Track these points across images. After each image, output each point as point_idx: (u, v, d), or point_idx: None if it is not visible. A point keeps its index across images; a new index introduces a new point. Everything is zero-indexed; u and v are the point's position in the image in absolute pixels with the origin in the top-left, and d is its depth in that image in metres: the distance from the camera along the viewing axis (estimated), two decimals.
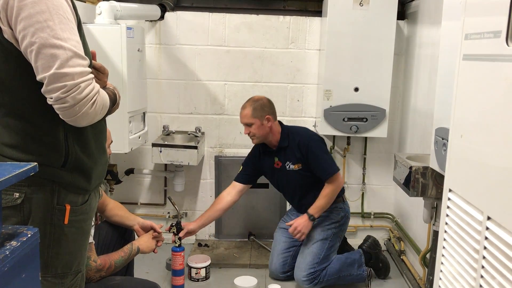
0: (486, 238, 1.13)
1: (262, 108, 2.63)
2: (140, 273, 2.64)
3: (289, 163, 2.70)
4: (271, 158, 2.77)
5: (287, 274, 2.83)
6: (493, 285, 1.09)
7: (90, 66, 1.26)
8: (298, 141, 2.65)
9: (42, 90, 1.17)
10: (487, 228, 1.13)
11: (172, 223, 2.72)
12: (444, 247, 1.39)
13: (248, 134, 2.68)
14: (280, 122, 2.77)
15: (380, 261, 2.89)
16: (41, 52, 1.14)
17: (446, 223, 1.38)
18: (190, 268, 2.82)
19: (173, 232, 2.68)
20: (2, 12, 1.15)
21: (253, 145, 2.84)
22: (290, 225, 2.65)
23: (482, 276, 1.15)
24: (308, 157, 2.63)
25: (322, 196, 2.63)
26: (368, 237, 2.94)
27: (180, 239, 2.66)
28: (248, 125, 2.65)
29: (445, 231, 1.39)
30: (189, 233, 2.72)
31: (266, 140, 2.70)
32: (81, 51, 1.20)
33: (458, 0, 1.72)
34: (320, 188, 2.66)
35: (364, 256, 2.80)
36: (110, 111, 1.37)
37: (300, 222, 2.61)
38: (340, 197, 2.76)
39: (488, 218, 1.13)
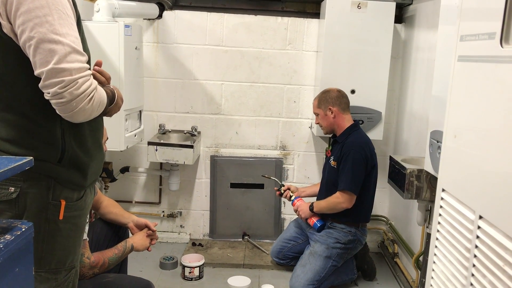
0: (477, 237, 1.14)
1: (327, 99, 2.71)
2: (133, 271, 2.64)
3: (332, 158, 2.75)
4: (330, 146, 2.96)
5: (280, 261, 2.96)
6: (484, 283, 1.10)
7: (89, 62, 1.26)
8: (346, 143, 2.66)
9: (40, 85, 1.18)
10: (479, 227, 1.14)
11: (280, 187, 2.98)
12: (436, 246, 1.40)
13: (318, 124, 2.82)
14: (355, 121, 2.77)
15: (365, 263, 2.89)
16: (39, 47, 1.14)
17: (439, 223, 1.39)
18: (183, 267, 2.82)
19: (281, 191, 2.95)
20: (1, 7, 1.16)
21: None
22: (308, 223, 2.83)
23: (473, 275, 1.16)
24: (341, 161, 2.65)
25: (327, 199, 2.70)
26: None
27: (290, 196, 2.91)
28: (316, 114, 2.79)
29: (438, 231, 1.40)
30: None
31: (333, 131, 2.77)
32: (79, 47, 1.20)
33: (455, 4, 1.73)
34: None
35: (354, 259, 2.82)
36: (109, 111, 1.36)
37: (302, 207, 2.79)
38: (356, 222, 2.70)
39: (480, 217, 1.14)
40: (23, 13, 1.14)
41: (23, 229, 1.02)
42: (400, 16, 3.16)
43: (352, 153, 2.60)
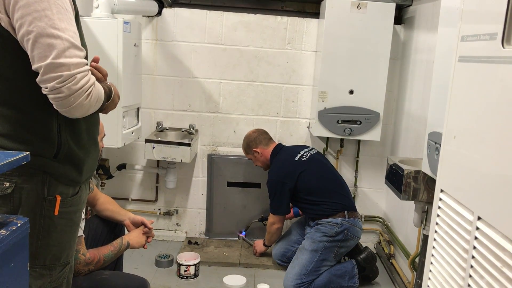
0: (476, 238, 1.14)
1: (248, 145, 3.01)
2: (129, 268, 2.64)
3: None
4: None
5: (284, 263, 2.94)
6: (481, 284, 1.10)
7: (86, 58, 1.26)
8: (268, 171, 2.95)
9: (38, 79, 1.17)
10: (477, 228, 1.14)
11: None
12: (434, 247, 1.40)
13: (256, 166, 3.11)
14: (277, 145, 2.99)
15: (371, 272, 2.86)
16: (38, 41, 1.13)
17: (437, 223, 1.38)
18: (179, 265, 2.81)
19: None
20: None
21: None
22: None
23: (470, 276, 1.16)
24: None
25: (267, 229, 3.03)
26: (365, 249, 2.86)
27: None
28: (250, 159, 3.10)
29: (436, 231, 1.39)
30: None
31: (269, 165, 3.00)
32: (78, 42, 1.20)
33: (455, 6, 1.73)
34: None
35: (357, 267, 2.75)
36: (105, 108, 1.36)
37: (257, 245, 3.13)
38: (340, 212, 2.71)
39: (479, 218, 1.14)
40: (22, 7, 1.13)
41: (19, 224, 1.01)
42: (400, 17, 3.16)
43: (268, 182, 2.87)
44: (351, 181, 3.35)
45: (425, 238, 2.20)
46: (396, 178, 2.29)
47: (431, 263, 1.41)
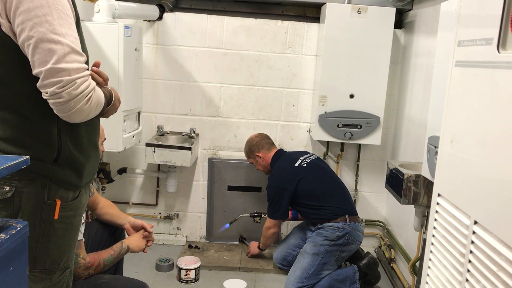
0: (472, 242, 1.14)
1: (250, 149, 3.03)
2: (129, 272, 2.64)
3: None
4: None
5: (284, 267, 2.95)
6: None
7: (87, 63, 1.27)
8: (268, 176, 2.96)
9: (38, 84, 1.18)
10: (474, 232, 1.14)
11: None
12: (431, 251, 1.40)
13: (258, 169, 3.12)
14: (278, 151, 3.00)
15: (374, 277, 2.86)
16: (38, 47, 1.14)
17: (434, 227, 1.39)
18: (179, 269, 2.81)
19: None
20: (1, 5, 1.16)
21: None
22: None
23: (467, 280, 1.16)
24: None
25: (263, 233, 3.04)
26: (367, 254, 2.84)
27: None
28: (252, 163, 3.11)
29: (433, 235, 1.40)
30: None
31: (270, 169, 3.02)
32: (78, 47, 1.20)
33: (454, 11, 1.73)
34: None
35: (358, 273, 2.74)
36: (106, 112, 1.37)
37: (252, 246, 3.17)
38: (342, 216, 2.71)
39: (475, 222, 1.14)
40: (23, 12, 1.14)
41: (18, 228, 1.01)
42: (400, 22, 3.17)
43: (268, 188, 2.88)
44: (351, 185, 3.35)
45: (425, 242, 2.20)
46: (396, 182, 2.29)
47: (429, 267, 1.41)
